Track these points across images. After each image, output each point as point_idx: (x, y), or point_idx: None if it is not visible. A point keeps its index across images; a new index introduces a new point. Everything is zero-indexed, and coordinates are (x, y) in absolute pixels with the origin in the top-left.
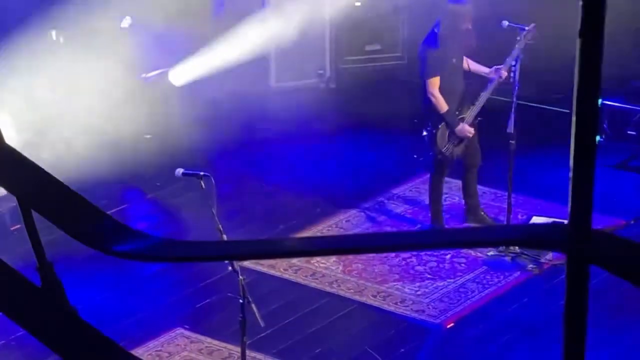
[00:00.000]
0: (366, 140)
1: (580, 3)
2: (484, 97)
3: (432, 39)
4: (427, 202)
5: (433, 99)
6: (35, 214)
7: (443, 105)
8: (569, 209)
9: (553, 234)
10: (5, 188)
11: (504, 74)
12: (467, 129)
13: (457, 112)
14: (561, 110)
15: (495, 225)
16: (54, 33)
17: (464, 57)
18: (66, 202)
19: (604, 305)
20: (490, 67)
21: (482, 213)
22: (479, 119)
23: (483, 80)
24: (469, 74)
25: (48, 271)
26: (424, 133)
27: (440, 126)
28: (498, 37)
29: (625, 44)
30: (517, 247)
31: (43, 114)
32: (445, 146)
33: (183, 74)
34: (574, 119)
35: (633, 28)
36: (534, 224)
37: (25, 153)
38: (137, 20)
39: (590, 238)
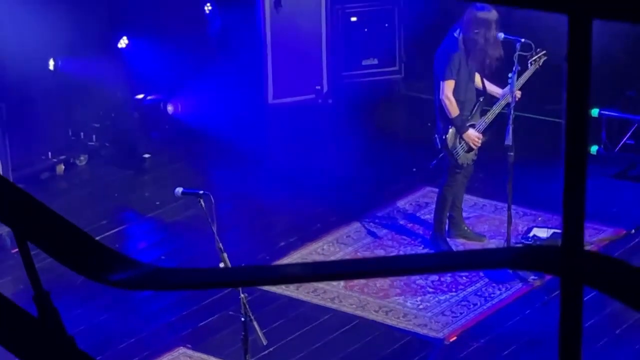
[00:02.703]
0: (365, 154)
1: (567, 28)
2: (495, 110)
3: (451, 43)
4: (427, 215)
5: (447, 102)
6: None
7: (455, 110)
8: (561, 231)
9: (546, 256)
10: (1, 219)
11: (518, 94)
12: (474, 136)
13: (467, 117)
14: (559, 121)
15: (489, 248)
16: (51, 61)
17: (481, 77)
18: (61, 233)
19: (605, 316)
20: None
21: (466, 228)
22: (487, 136)
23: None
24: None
25: (45, 301)
26: (435, 136)
27: (450, 128)
28: None
29: (619, 54)
30: None
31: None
32: (455, 149)
33: (179, 101)
34: (563, 145)
35: (626, 38)
36: (527, 246)
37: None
38: (134, 40)
39: (583, 259)
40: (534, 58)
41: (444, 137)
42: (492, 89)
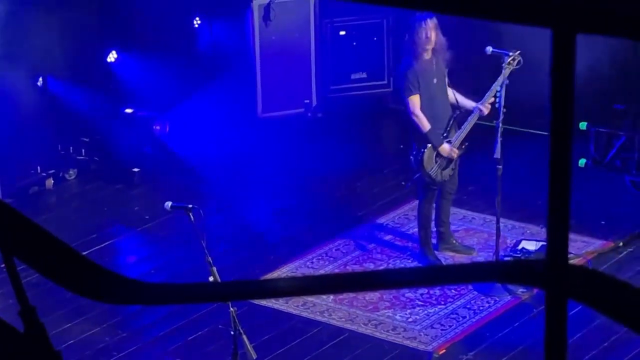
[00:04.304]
0: (354, 168)
1: (551, 43)
2: (469, 122)
3: (407, 61)
4: (416, 228)
5: (415, 119)
6: None
7: (425, 124)
8: (546, 246)
9: (531, 269)
10: None
11: (485, 110)
12: (451, 149)
13: (444, 134)
14: (547, 134)
15: (476, 262)
16: (40, 79)
17: (453, 91)
18: (47, 249)
19: (592, 329)
20: (476, 101)
21: (454, 241)
22: (466, 143)
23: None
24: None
25: (31, 316)
26: (410, 157)
27: (427, 148)
28: (482, 63)
29: (607, 68)
30: None
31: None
32: (432, 168)
33: (168, 119)
34: (548, 158)
35: (615, 52)
36: (512, 261)
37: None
38: (123, 55)
39: (568, 273)
40: (507, 61)
41: (419, 157)
42: (464, 102)
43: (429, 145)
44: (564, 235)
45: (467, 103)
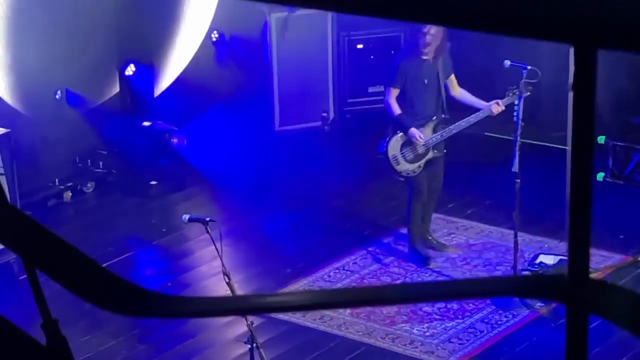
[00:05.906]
0: (371, 180)
1: (572, 57)
2: (473, 117)
3: (405, 54)
4: (433, 242)
5: (386, 105)
6: None
7: (396, 109)
8: (566, 260)
9: (552, 284)
10: (10, 248)
11: (496, 108)
12: (416, 133)
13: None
14: (565, 147)
15: (495, 277)
16: (59, 92)
17: (464, 92)
18: (69, 261)
19: (612, 343)
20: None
21: (430, 238)
22: (444, 151)
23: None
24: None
25: (53, 329)
26: (380, 140)
27: (396, 135)
28: (500, 77)
29: (623, 81)
30: None
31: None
32: (394, 155)
33: (185, 132)
34: (569, 172)
35: (631, 65)
36: (532, 275)
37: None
38: (141, 68)
39: (588, 288)
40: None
41: (385, 142)
42: (472, 101)
43: (400, 133)
44: (585, 250)
45: (478, 103)
